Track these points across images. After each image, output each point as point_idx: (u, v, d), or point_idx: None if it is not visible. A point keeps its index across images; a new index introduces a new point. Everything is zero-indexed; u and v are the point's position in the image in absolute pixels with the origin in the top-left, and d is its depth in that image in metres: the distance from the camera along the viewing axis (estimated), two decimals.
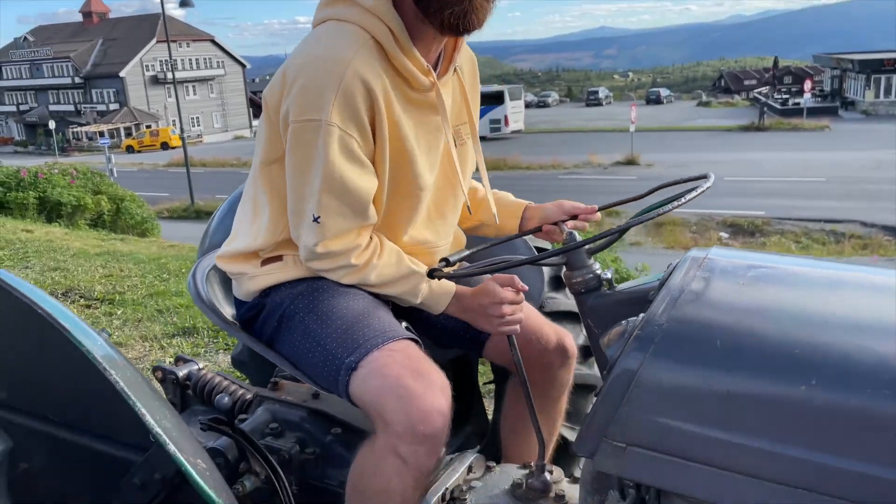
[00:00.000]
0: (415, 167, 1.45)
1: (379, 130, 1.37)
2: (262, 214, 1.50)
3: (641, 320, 1.08)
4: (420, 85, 1.41)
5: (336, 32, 1.36)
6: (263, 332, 1.51)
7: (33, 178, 12.27)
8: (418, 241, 1.54)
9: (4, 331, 1.23)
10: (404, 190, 1.47)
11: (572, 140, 43.18)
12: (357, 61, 1.30)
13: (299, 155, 1.34)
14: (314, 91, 1.30)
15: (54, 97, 67.13)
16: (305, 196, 1.37)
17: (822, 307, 1.06)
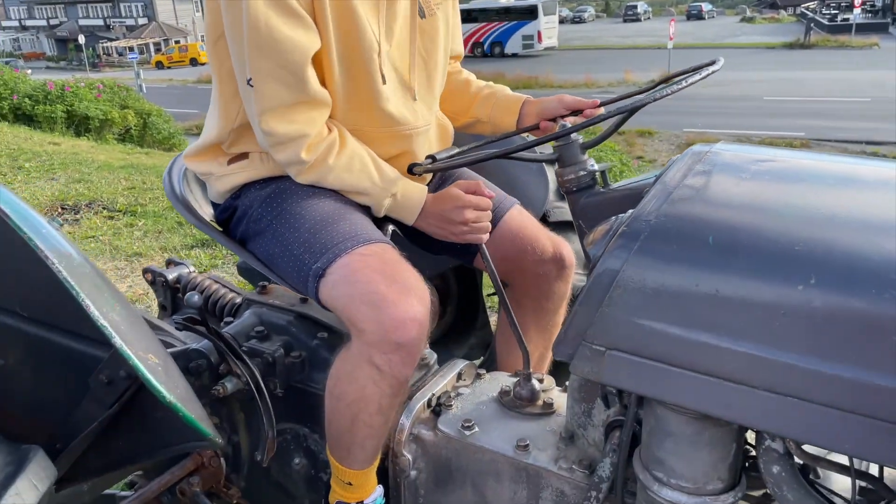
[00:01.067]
0: (360, 25, 1.28)
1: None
2: (216, 100, 1.39)
3: (629, 216, 0.99)
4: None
5: None
6: (235, 234, 1.45)
7: (60, 92, 12.25)
8: (393, 121, 1.40)
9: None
10: (354, 53, 1.31)
11: (607, 57, 41.75)
12: None
13: (231, 14, 1.21)
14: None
15: (83, 11, 66.50)
16: (240, 59, 1.23)
17: (830, 203, 0.95)
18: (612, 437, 1.09)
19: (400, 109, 1.41)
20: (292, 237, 1.31)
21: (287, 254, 1.31)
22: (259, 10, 1.17)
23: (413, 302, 1.18)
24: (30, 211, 0.98)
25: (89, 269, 1.03)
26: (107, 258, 4.48)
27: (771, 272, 0.86)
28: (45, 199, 5.72)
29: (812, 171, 1.06)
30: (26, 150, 8.04)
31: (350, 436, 1.26)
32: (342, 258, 1.23)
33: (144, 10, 62.77)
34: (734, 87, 27.56)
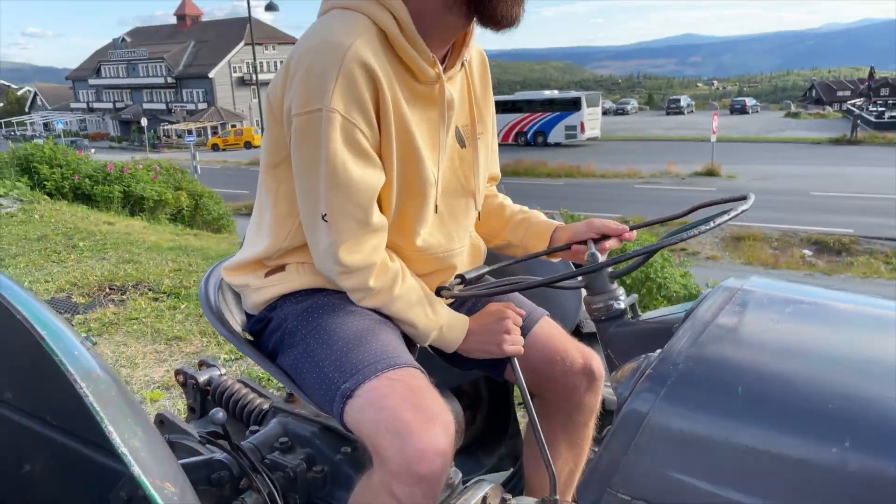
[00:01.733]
0: (421, 161, 1.36)
1: (384, 118, 1.28)
2: (265, 219, 1.44)
3: (657, 356, 0.96)
4: (425, 77, 1.33)
5: (339, 20, 1.28)
6: (267, 346, 1.46)
7: (119, 173, 12.83)
8: (431, 245, 1.45)
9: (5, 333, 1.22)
10: (412, 187, 1.38)
11: (650, 149, 42.18)
12: (358, 44, 1.23)
13: (304, 150, 1.27)
14: (314, 80, 1.22)
15: (148, 96, 70.41)
16: (312, 193, 1.29)
17: (868, 354, 0.92)
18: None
19: (439, 235, 1.46)
20: (324, 354, 1.31)
21: (316, 370, 1.31)
22: (338, 153, 1.24)
23: (437, 432, 1.16)
24: (64, 330, 1.01)
25: (115, 391, 1.05)
26: (147, 341, 4.56)
27: (803, 430, 0.82)
28: (95, 279, 5.90)
29: (850, 317, 1.03)
30: (82, 229, 8.36)
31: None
32: (370, 381, 1.22)
33: (205, 95, 66.15)
34: (780, 181, 27.45)
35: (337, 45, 1.22)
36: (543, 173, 31.67)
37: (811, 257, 18.30)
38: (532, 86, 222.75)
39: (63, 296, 5.48)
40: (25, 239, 7.67)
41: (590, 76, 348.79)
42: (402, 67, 1.31)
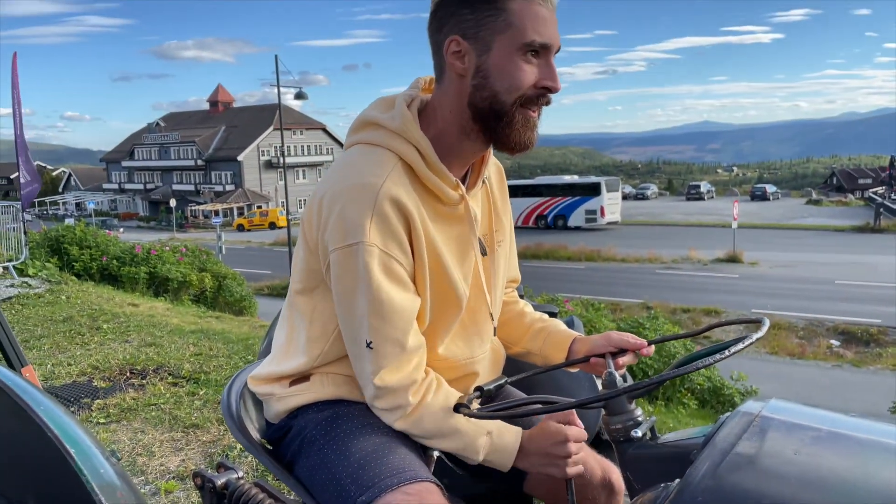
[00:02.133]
0: (451, 279, 1.41)
1: (417, 247, 1.34)
2: (299, 341, 1.47)
3: (676, 487, 0.96)
4: (449, 199, 1.39)
5: (366, 157, 1.36)
6: (286, 455, 1.46)
7: (146, 255, 13.10)
8: (454, 353, 1.48)
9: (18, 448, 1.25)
10: (445, 303, 1.43)
11: (671, 234, 42.25)
12: (388, 184, 1.30)
13: (344, 282, 1.32)
14: (350, 218, 1.29)
15: (178, 177, 72.53)
16: (355, 322, 1.33)
17: (889, 489, 0.91)
18: None
19: (461, 343, 1.49)
20: (341, 465, 1.31)
21: (333, 482, 1.31)
22: (380, 283, 1.29)
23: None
24: (92, 447, 1.04)
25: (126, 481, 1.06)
26: (165, 428, 4.54)
27: None
28: (116, 363, 5.94)
29: (872, 447, 1.02)
30: (107, 310, 8.48)
31: None
32: (386, 495, 1.21)
33: (233, 177, 68.01)
34: (804, 269, 27.25)
35: (369, 185, 1.29)
36: (564, 257, 31.77)
37: (839, 347, 17.91)
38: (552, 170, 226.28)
39: (84, 379, 5.51)
40: (51, 320, 7.79)
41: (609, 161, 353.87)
42: (427, 193, 1.37)
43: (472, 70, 1.33)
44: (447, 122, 1.37)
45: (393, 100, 1.43)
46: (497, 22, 1.30)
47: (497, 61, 1.31)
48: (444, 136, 1.38)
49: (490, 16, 1.30)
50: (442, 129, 1.38)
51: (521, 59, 1.31)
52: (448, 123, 1.37)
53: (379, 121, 1.39)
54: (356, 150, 1.40)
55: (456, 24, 1.32)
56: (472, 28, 1.31)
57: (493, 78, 1.32)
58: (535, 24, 1.30)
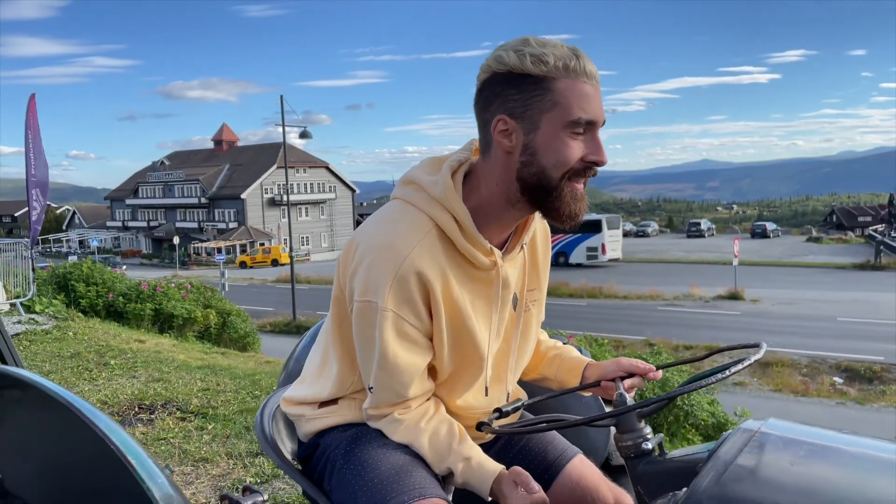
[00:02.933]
0: (475, 339, 1.48)
1: (435, 310, 1.42)
2: (331, 368, 1.57)
3: (683, 495, 1.05)
4: (482, 265, 1.46)
5: (403, 218, 1.44)
6: (314, 472, 1.56)
7: (152, 291, 13.18)
8: (472, 405, 1.56)
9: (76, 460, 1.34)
10: (466, 360, 1.51)
11: (672, 271, 42.30)
12: (415, 253, 1.38)
13: (361, 329, 1.43)
14: (373, 277, 1.38)
15: (181, 215, 72.96)
16: (366, 365, 1.46)
17: (879, 498, 1.00)
18: None
19: (481, 396, 1.57)
20: (359, 485, 1.41)
21: (351, 499, 1.40)
22: (388, 343, 1.40)
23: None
24: (149, 460, 1.14)
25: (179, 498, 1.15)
26: (175, 462, 4.59)
27: None
28: (125, 398, 6.00)
29: (864, 460, 1.11)
30: (113, 346, 8.54)
31: None
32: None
33: (236, 214, 68.41)
34: (806, 307, 27.24)
35: (397, 251, 1.38)
36: (566, 294, 31.79)
37: (842, 385, 17.86)
38: None
39: None
40: (59, 356, 7.85)
41: (609, 199, 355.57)
42: (460, 256, 1.44)
43: (520, 147, 1.37)
44: (492, 193, 1.43)
45: (441, 163, 1.48)
46: (544, 101, 1.34)
47: (545, 139, 1.35)
48: (489, 205, 1.44)
49: (537, 96, 1.34)
50: (487, 199, 1.44)
51: (568, 136, 1.35)
52: (493, 194, 1.43)
53: (423, 184, 1.44)
54: (398, 205, 1.47)
55: (502, 103, 1.37)
56: (519, 108, 1.36)
57: (540, 154, 1.36)
58: (581, 102, 1.34)
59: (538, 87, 1.34)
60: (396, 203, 1.49)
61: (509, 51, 1.35)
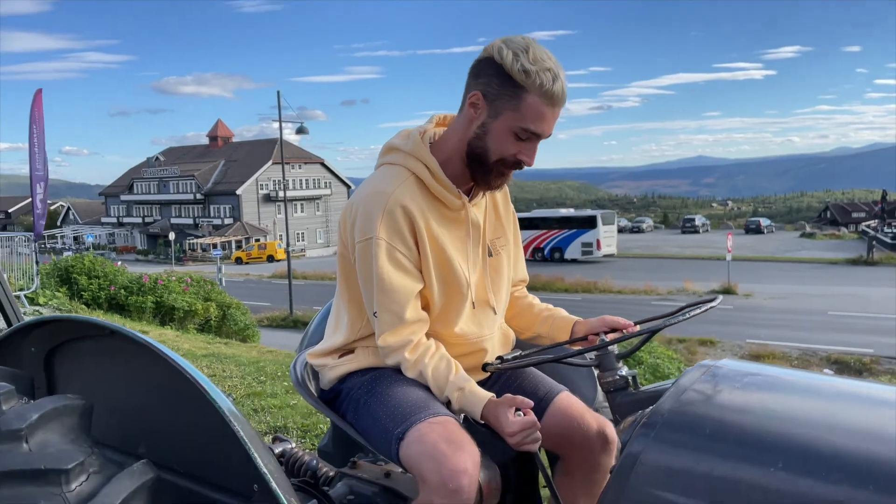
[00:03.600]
0: (454, 269, 1.79)
1: (421, 243, 1.73)
2: (343, 319, 1.87)
3: (649, 412, 1.31)
4: (453, 205, 1.78)
5: (385, 173, 1.78)
6: (339, 410, 1.85)
7: (153, 284, 13.40)
8: (465, 333, 1.84)
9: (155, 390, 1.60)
10: (451, 288, 1.80)
11: (666, 266, 42.67)
12: (398, 192, 1.71)
13: (363, 267, 1.73)
14: (367, 217, 1.70)
15: (176, 211, 72.97)
16: (369, 297, 1.75)
17: (796, 408, 1.27)
18: None
19: (472, 325, 1.85)
20: (381, 411, 1.69)
21: (376, 424, 1.69)
22: (383, 267, 1.70)
23: (465, 458, 1.52)
24: (216, 387, 1.39)
25: (252, 431, 1.41)
26: None
27: (749, 458, 1.16)
28: None
29: (790, 385, 1.38)
30: None
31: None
32: (417, 425, 1.59)
33: (232, 210, 68.50)
34: (798, 301, 27.60)
35: (382, 192, 1.72)
36: (561, 289, 32.06)
37: None
38: (549, 203, 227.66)
39: None
40: None
41: (605, 195, 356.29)
42: (434, 200, 1.77)
43: (479, 122, 1.70)
44: (454, 149, 1.77)
45: (409, 131, 1.84)
46: (511, 102, 1.65)
47: (497, 128, 1.68)
48: (452, 160, 1.78)
49: (508, 95, 1.65)
50: (450, 155, 1.78)
51: (515, 135, 1.68)
52: (455, 151, 1.77)
53: (397, 146, 1.81)
54: (381, 169, 1.82)
55: (485, 83, 1.67)
56: (492, 94, 1.67)
57: (489, 137, 1.70)
58: (536, 119, 1.66)
59: (513, 90, 1.64)
60: (380, 168, 1.82)
61: (510, 50, 1.64)
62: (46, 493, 1.20)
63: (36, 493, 1.19)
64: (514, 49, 1.63)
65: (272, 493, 1.43)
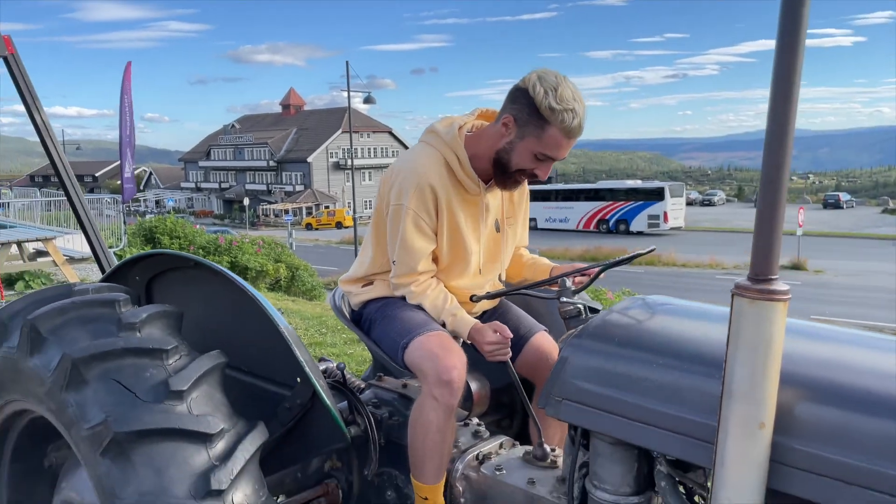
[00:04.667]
0: (464, 241, 2.26)
1: (440, 214, 2.20)
2: (367, 254, 2.38)
3: (581, 328, 1.77)
4: (472, 191, 2.24)
5: (424, 152, 2.23)
6: (363, 327, 2.39)
7: (228, 245, 14.33)
8: (461, 287, 2.32)
9: (228, 310, 2.15)
10: (458, 251, 2.28)
11: (735, 240, 41.66)
12: (430, 174, 2.16)
13: (393, 225, 2.22)
14: (403, 188, 2.17)
15: (251, 177, 75.40)
16: (392, 248, 2.24)
17: (699, 328, 1.70)
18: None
19: (471, 283, 2.34)
20: (391, 327, 2.22)
21: (388, 337, 2.22)
22: (407, 230, 2.18)
23: (455, 359, 2.03)
24: (282, 317, 1.93)
25: (298, 339, 1.93)
26: None
27: (651, 359, 1.59)
28: None
29: (704, 313, 1.79)
30: None
31: (422, 452, 2.02)
32: (419, 336, 2.10)
33: (303, 178, 70.36)
34: (870, 278, 26.79)
35: (418, 172, 2.16)
36: None
37: None
38: (618, 175, 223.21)
39: None
40: None
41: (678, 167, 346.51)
42: (458, 184, 2.22)
43: (508, 140, 2.12)
44: (484, 151, 2.20)
45: (452, 121, 2.25)
46: (536, 129, 2.05)
47: (520, 148, 2.10)
48: (480, 157, 2.22)
49: (535, 125, 2.05)
50: (479, 153, 2.21)
51: (534, 156, 2.10)
52: (484, 150, 2.20)
53: (439, 132, 2.23)
54: (422, 146, 2.26)
55: (519, 109, 2.07)
56: (522, 121, 2.07)
57: (513, 153, 2.12)
58: (554, 148, 2.07)
59: (539, 121, 2.04)
60: (421, 144, 2.27)
61: (543, 87, 2.03)
62: (154, 364, 1.75)
63: (147, 364, 1.75)
64: (546, 87, 2.02)
65: (310, 382, 1.96)
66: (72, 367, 1.68)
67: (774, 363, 1.28)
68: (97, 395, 1.67)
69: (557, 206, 47.33)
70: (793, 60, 1.18)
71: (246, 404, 1.95)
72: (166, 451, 1.62)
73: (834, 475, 1.30)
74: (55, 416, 1.78)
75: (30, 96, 6.84)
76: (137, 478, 1.59)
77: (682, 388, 1.53)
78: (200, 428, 1.66)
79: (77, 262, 10.98)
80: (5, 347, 1.90)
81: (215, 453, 1.67)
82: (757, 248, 1.29)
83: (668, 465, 1.60)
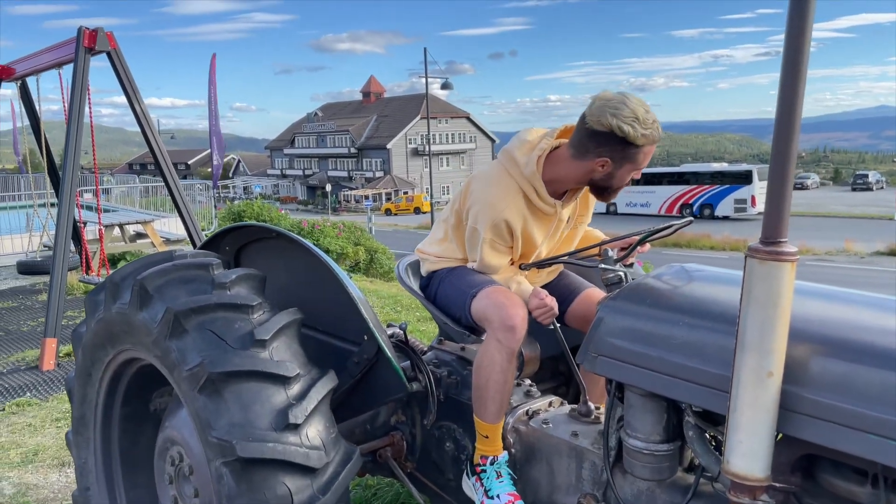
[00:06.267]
0: (536, 246, 2.44)
1: (514, 236, 2.37)
2: (451, 244, 2.57)
3: (617, 291, 1.93)
4: (547, 212, 2.39)
5: (502, 183, 2.36)
6: (429, 293, 2.61)
7: (311, 229, 14.92)
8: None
9: (304, 276, 2.42)
10: (529, 252, 2.46)
11: (828, 225, 39.78)
12: (505, 210, 2.32)
13: (471, 241, 2.43)
14: (479, 218, 2.34)
15: (332, 164, 77.25)
16: (472, 255, 2.47)
17: (714, 292, 1.83)
18: None
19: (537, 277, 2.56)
20: (460, 282, 2.45)
21: (455, 290, 2.45)
22: (486, 253, 2.40)
23: (518, 308, 2.23)
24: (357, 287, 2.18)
25: (366, 300, 2.17)
26: None
27: (676, 319, 1.74)
28: None
29: (723, 279, 1.92)
30: None
31: (485, 391, 2.22)
32: (484, 290, 2.32)
33: (382, 164, 71.52)
34: None
35: (494, 207, 2.33)
36: (707, 246, 31.10)
37: None
38: (705, 158, 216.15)
39: None
40: None
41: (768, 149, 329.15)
42: (534, 207, 2.37)
43: (607, 172, 2.24)
44: (567, 175, 2.32)
45: (532, 147, 2.34)
46: (633, 156, 2.19)
47: (620, 173, 2.25)
48: (560, 179, 2.35)
49: (632, 154, 2.19)
50: (560, 176, 2.35)
51: (631, 174, 2.25)
52: (567, 176, 2.33)
53: (518, 162, 2.35)
54: (500, 171, 2.39)
55: (610, 151, 2.19)
56: (618, 156, 2.20)
57: (614, 178, 2.26)
58: (647, 159, 2.23)
59: (634, 150, 2.18)
60: (500, 168, 2.41)
61: (626, 123, 2.13)
62: (240, 318, 2.04)
63: (235, 318, 2.04)
64: (627, 121, 2.13)
65: (375, 339, 2.20)
66: (174, 319, 1.99)
67: (783, 318, 1.41)
68: (195, 342, 1.97)
69: (639, 190, 46.15)
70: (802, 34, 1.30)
71: (319, 358, 2.21)
72: (251, 390, 1.90)
73: (837, 420, 1.43)
74: (160, 361, 2.09)
75: (131, 89, 7.40)
76: (228, 411, 1.88)
77: (706, 344, 1.67)
78: (280, 371, 1.94)
79: (173, 244, 11.74)
80: (118, 304, 2.23)
81: (292, 393, 1.95)
82: (768, 214, 1.43)
83: (695, 417, 1.75)
